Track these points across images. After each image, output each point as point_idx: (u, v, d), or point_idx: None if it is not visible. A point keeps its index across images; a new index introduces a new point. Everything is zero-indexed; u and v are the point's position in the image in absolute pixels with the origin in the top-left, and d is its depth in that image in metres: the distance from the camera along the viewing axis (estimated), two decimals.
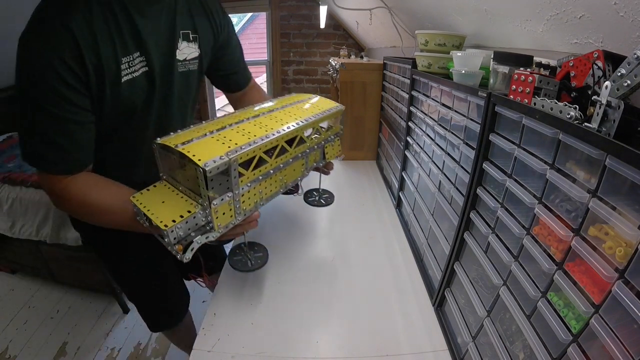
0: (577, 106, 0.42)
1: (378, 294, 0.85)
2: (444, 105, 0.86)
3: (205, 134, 0.64)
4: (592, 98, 0.40)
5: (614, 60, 0.44)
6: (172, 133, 0.65)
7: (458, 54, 0.78)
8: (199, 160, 0.55)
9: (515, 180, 0.55)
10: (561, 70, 0.51)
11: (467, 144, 0.72)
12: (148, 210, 0.59)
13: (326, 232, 1.11)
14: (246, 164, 0.64)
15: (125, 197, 0.63)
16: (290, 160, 0.76)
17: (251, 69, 1.10)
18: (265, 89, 1.10)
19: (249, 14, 4.24)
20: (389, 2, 1.51)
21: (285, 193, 1.00)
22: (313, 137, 0.84)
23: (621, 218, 0.35)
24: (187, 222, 0.58)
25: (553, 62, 0.57)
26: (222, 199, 0.61)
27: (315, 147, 0.84)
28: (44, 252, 1.87)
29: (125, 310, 1.92)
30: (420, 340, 0.73)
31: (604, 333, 0.36)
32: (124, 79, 0.65)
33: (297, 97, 0.92)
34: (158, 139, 0.62)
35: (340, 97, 1.65)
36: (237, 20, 4.33)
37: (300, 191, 1.01)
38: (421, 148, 1.03)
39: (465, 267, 0.71)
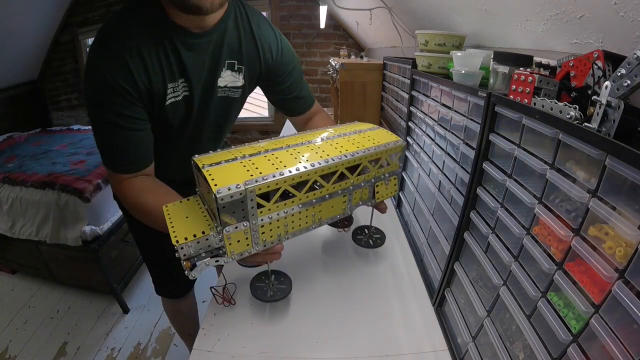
0: (577, 106, 0.42)
1: (378, 293, 0.85)
2: (444, 105, 0.86)
3: (237, 158, 0.62)
4: (592, 98, 0.40)
5: (614, 60, 0.44)
6: (211, 152, 0.67)
7: (458, 54, 0.78)
8: (215, 185, 0.54)
9: (515, 180, 0.55)
10: (561, 70, 0.51)
11: (467, 144, 0.72)
12: (171, 222, 0.61)
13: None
14: (274, 194, 0.61)
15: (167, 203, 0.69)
16: (326, 196, 0.69)
17: None
18: None
19: None
20: (389, 2, 1.51)
21: (333, 225, 0.94)
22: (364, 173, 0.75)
23: (621, 218, 0.35)
24: (198, 243, 0.58)
25: (553, 62, 0.57)
26: (235, 227, 0.59)
27: (362, 184, 0.75)
28: (44, 252, 1.87)
29: (125, 310, 1.92)
30: (420, 340, 0.73)
31: (604, 333, 0.36)
32: (168, 101, 0.75)
33: (355, 126, 0.84)
34: (196, 155, 0.65)
35: (340, 97, 1.66)
36: None
37: (348, 227, 0.93)
38: (421, 148, 1.03)
39: (465, 267, 0.71)
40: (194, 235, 0.58)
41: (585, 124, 0.40)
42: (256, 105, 3.68)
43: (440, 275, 0.79)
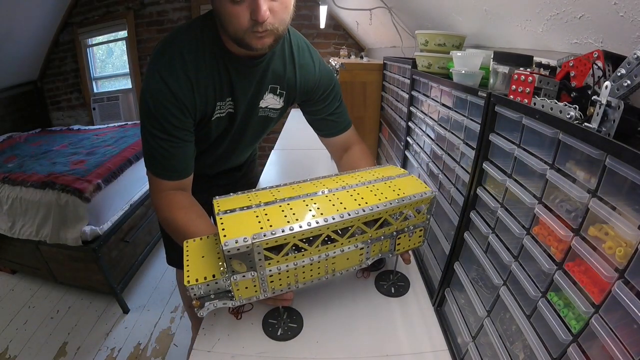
0: (577, 106, 0.42)
1: (378, 293, 0.85)
2: (444, 105, 0.86)
3: (251, 206, 0.63)
4: (592, 98, 0.40)
5: (613, 60, 0.44)
6: (231, 194, 0.69)
7: (458, 54, 0.78)
8: (225, 236, 0.56)
9: (515, 180, 0.55)
10: (561, 70, 0.51)
11: (467, 144, 0.72)
12: (187, 260, 0.63)
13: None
14: (281, 246, 0.60)
15: (195, 229, 0.74)
16: (339, 251, 0.66)
17: None
18: None
19: None
20: (389, 2, 1.51)
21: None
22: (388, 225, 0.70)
23: (621, 218, 0.35)
24: (208, 285, 0.60)
25: (553, 62, 0.57)
26: (243, 276, 0.59)
27: (382, 237, 0.71)
28: (44, 252, 1.87)
29: (125, 310, 1.92)
30: (420, 340, 0.73)
31: (604, 333, 0.36)
32: (215, 117, 0.81)
33: (386, 171, 0.80)
34: (217, 197, 0.67)
35: None
36: None
37: (368, 274, 0.89)
38: (421, 148, 1.03)
39: (465, 267, 0.71)
40: (205, 278, 0.59)
41: (585, 124, 0.40)
42: None
43: (440, 275, 0.79)
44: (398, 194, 0.69)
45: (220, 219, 0.60)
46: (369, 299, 0.83)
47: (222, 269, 0.61)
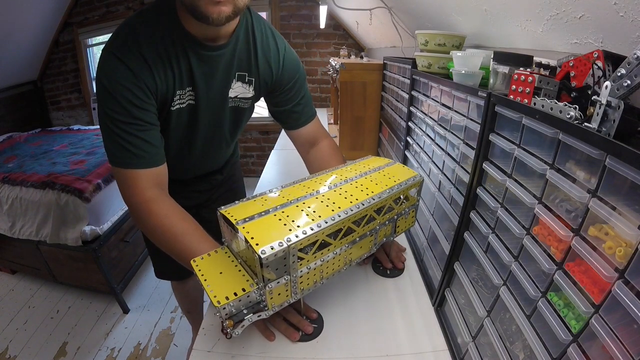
0: (577, 106, 0.42)
1: (378, 293, 0.85)
2: (444, 105, 0.86)
3: (268, 211, 0.62)
4: (592, 98, 0.40)
5: (614, 60, 0.44)
6: (237, 202, 0.66)
7: (458, 54, 0.78)
8: (257, 244, 0.53)
9: (515, 180, 0.55)
10: (561, 70, 0.51)
11: (467, 144, 0.72)
12: (205, 280, 0.59)
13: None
14: (310, 245, 0.60)
15: (198, 238, 0.70)
16: (357, 239, 0.69)
17: None
18: None
19: None
20: (389, 2, 1.51)
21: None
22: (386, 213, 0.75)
23: (621, 218, 0.35)
24: (240, 300, 0.57)
25: (553, 62, 0.57)
26: (277, 282, 0.58)
27: (387, 222, 0.76)
28: (44, 252, 1.87)
29: (125, 311, 1.92)
30: (420, 340, 0.73)
31: (604, 333, 0.36)
32: (174, 107, 0.77)
33: (372, 162, 0.84)
34: (222, 207, 0.64)
35: (340, 97, 1.66)
36: None
37: (369, 260, 0.93)
38: (421, 148, 1.03)
39: (465, 267, 0.71)
40: (235, 294, 0.57)
41: (585, 124, 0.40)
42: (256, 105, 3.69)
43: (440, 275, 0.79)
44: (395, 181, 0.74)
45: (244, 228, 0.57)
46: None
47: (249, 280, 0.59)
